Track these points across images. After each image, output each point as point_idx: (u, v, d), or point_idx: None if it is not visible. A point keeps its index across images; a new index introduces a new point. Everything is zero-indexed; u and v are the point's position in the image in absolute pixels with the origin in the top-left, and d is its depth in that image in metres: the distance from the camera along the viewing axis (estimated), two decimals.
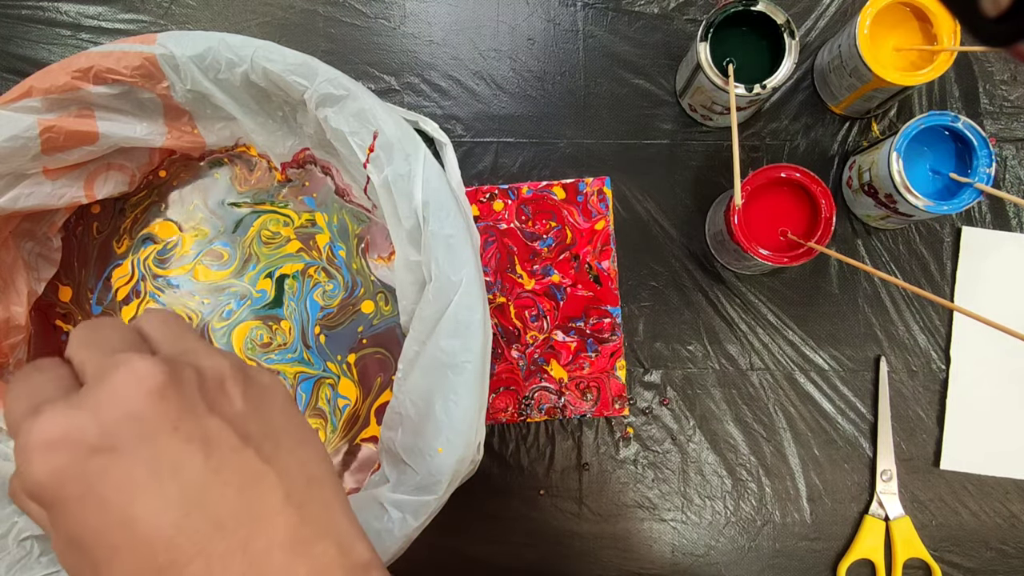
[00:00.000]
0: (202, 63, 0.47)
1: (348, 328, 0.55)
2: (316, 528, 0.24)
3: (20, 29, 0.59)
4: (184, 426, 0.23)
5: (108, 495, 0.22)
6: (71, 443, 0.22)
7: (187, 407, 0.23)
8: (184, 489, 0.22)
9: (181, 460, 0.23)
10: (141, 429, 0.22)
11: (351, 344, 0.55)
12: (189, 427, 0.23)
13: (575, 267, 0.57)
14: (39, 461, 0.22)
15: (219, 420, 0.24)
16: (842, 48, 0.52)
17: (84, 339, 0.26)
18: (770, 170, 0.51)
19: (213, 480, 0.23)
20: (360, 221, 0.56)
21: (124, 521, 0.22)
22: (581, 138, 0.58)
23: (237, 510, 0.23)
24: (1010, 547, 0.54)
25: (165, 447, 0.23)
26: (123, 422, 0.22)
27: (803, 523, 0.55)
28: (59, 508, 0.22)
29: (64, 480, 0.22)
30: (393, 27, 0.59)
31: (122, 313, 0.55)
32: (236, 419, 0.24)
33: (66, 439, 0.22)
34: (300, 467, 0.25)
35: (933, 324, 0.56)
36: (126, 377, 0.23)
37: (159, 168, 0.56)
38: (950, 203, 0.49)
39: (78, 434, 0.22)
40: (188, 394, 0.24)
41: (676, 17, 0.58)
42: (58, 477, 0.22)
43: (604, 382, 0.56)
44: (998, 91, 0.57)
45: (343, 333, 0.55)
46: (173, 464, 0.23)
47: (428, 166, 0.44)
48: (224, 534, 0.23)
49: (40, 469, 0.22)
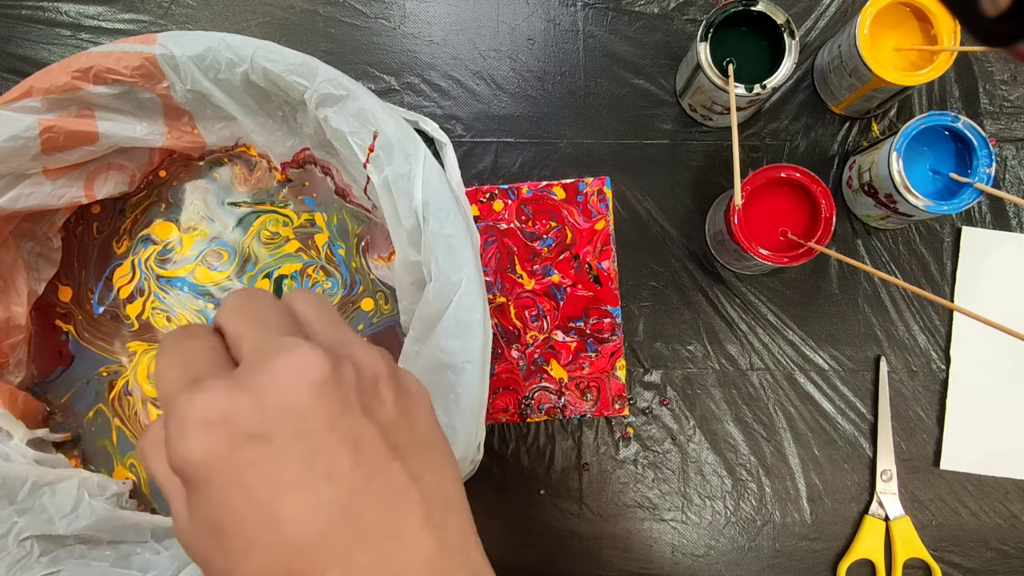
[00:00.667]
0: (202, 63, 0.47)
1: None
2: (452, 556, 0.23)
3: (20, 29, 0.59)
4: (340, 426, 0.22)
5: (256, 487, 0.21)
6: (229, 427, 0.21)
7: (345, 406, 0.22)
8: (333, 493, 0.21)
9: (334, 462, 0.22)
10: (300, 424, 0.21)
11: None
12: (344, 428, 0.22)
13: (575, 267, 0.57)
14: (195, 439, 0.21)
15: (372, 425, 0.23)
16: (842, 48, 0.52)
17: (239, 310, 0.24)
18: (770, 170, 0.51)
19: (361, 488, 0.22)
20: (360, 221, 0.56)
21: (268, 517, 0.21)
22: (581, 138, 0.58)
23: (381, 524, 0.22)
24: (1010, 547, 0.54)
25: (320, 445, 0.22)
26: (283, 413, 0.21)
27: (803, 523, 0.55)
28: (203, 490, 0.21)
29: (216, 463, 0.21)
30: (393, 27, 0.59)
31: (127, 311, 0.55)
32: (387, 426, 0.23)
33: (225, 421, 0.21)
34: (440, 487, 0.24)
35: (933, 324, 0.56)
36: (291, 366, 0.22)
37: (159, 168, 0.56)
38: (950, 203, 0.49)
39: (237, 418, 0.21)
40: (346, 392, 0.22)
41: (676, 17, 0.58)
42: (210, 459, 0.21)
43: (604, 382, 0.56)
44: (998, 91, 0.57)
45: None
46: (326, 466, 0.21)
47: (428, 166, 0.44)
48: (366, 547, 0.22)
49: (194, 447, 0.21)
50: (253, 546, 0.21)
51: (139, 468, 0.54)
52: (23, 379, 0.53)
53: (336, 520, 0.21)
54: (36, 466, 0.48)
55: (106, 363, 0.55)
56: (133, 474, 0.54)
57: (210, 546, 0.22)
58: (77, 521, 0.46)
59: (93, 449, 0.54)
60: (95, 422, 0.54)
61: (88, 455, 0.54)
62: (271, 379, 0.22)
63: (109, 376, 0.55)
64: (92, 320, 0.55)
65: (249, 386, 0.21)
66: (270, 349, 0.22)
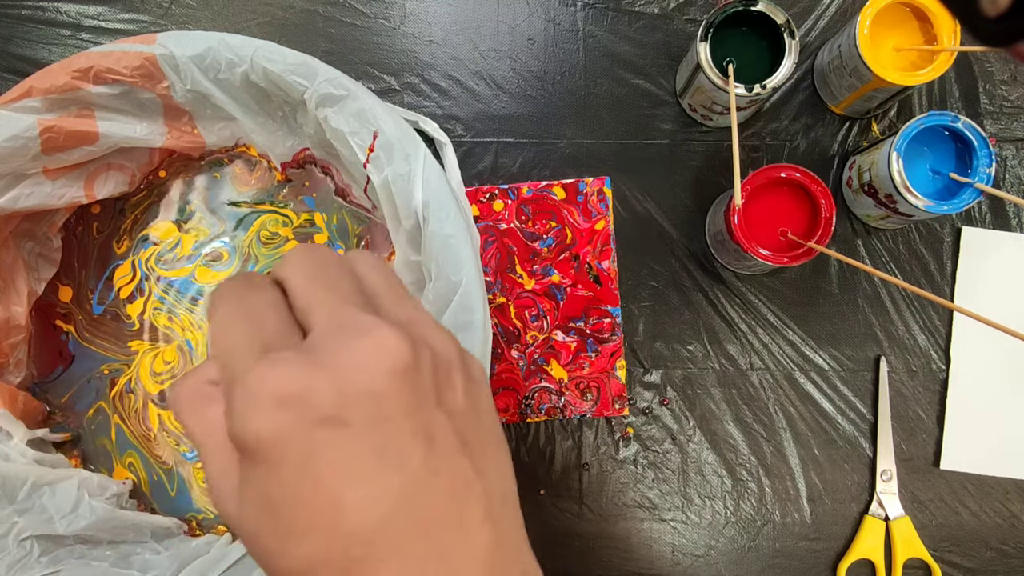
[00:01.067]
0: (202, 63, 0.47)
1: None
2: (508, 551, 0.23)
3: (20, 29, 0.59)
4: (416, 415, 0.21)
5: (324, 471, 0.20)
6: (305, 406, 0.20)
7: (422, 395, 0.22)
8: (402, 484, 0.21)
9: (405, 452, 0.21)
10: (377, 411, 0.21)
11: None
12: (420, 418, 0.21)
13: (575, 267, 0.57)
14: (267, 414, 0.20)
15: (444, 416, 0.22)
16: (842, 48, 0.52)
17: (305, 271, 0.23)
18: (770, 170, 0.50)
19: (429, 480, 0.21)
20: (360, 221, 0.56)
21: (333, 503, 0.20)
22: (581, 138, 0.58)
23: (443, 518, 0.22)
24: (1010, 547, 0.54)
25: (394, 435, 0.21)
26: (361, 399, 0.20)
27: (803, 523, 0.55)
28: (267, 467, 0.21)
29: (285, 442, 0.20)
30: (393, 27, 0.59)
31: (128, 311, 0.55)
32: (457, 416, 0.23)
33: (301, 401, 0.20)
34: (500, 481, 0.24)
35: (933, 324, 0.56)
36: (374, 349, 0.21)
37: (159, 168, 0.56)
38: (950, 203, 0.49)
39: (314, 399, 0.20)
40: (424, 380, 0.22)
41: (676, 17, 0.58)
42: (280, 437, 0.20)
43: (604, 382, 0.56)
44: (998, 91, 0.57)
45: None
46: (398, 455, 0.21)
47: (428, 166, 0.44)
48: (427, 539, 0.21)
49: (264, 423, 0.20)
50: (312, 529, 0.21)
51: (138, 468, 0.54)
52: (23, 379, 0.53)
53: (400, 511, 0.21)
54: (36, 466, 0.48)
55: (107, 361, 0.55)
56: (132, 473, 0.54)
57: (265, 523, 0.21)
58: (77, 521, 0.46)
59: (93, 449, 0.54)
60: (95, 420, 0.54)
61: (88, 455, 0.54)
62: (352, 362, 0.21)
63: (111, 374, 0.55)
64: (92, 320, 0.55)
65: (328, 366, 0.21)
66: (349, 327, 0.21)
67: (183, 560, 0.47)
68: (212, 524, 0.53)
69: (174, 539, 0.50)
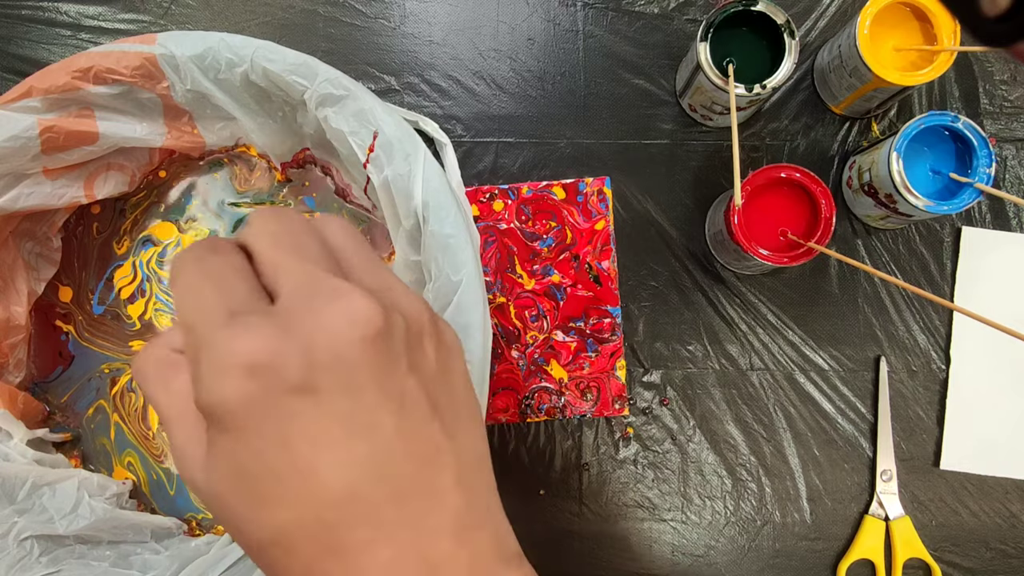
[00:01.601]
0: (202, 63, 0.47)
1: None
2: (478, 515, 0.23)
3: (20, 29, 0.59)
4: (387, 382, 0.21)
5: (294, 437, 0.20)
6: (275, 373, 0.20)
7: (393, 361, 0.21)
8: (372, 450, 0.21)
9: (376, 419, 0.21)
10: (348, 378, 0.20)
11: None
12: (391, 384, 0.21)
13: (575, 267, 0.57)
14: (234, 382, 0.20)
15: (416, 382, 0.22)
16: (842, 48, 0.52)
17: (273, 235, 0.23)
18: (770, 170, 0.51)
19: (400, 447, 0.21)
20: (360, 221, 0.56)
21: (303, 470, 0.20)
22: (581, 138, 0.58)
23: (415, 483, 0.22)
24: (1010, 547, 0.54)
25: (365, 402, 0.21)
26: (331, 365, 0.20)
27: (803, 523, 0.55)
28: (235, 433, 0.20)
29: (254, 410, 0.20)
30: (393, 27, 0.59)
31: (128, 311, 0.55)
32: (429, 382, 0.23)
33: (269, 368, 0.20)
34: (472, 447, 0.24)
35: (933, 324, 0.56)
36: (344, 315, 0.20)
37: (159, 168, 0.56)
38: (950, 203, 0.49)
39: (283, 366, 0.20)
40: (395, 345, 0.21)
41: (676, 17, 0.58)
42: (248, 405, 0.20)
43: (604, 382, 0.56)
44: (998, 91, 0.57)
45: None
46: (368, 422, 0.21)
47: (428, 166, 0.44)
48: (398, 505, 0.21)
49: (232, 390, 0.20)
50: (283, 497, 0.21)
51: (137, 467, 0.54)
52: (23, 379, 0.53)
53: (372, 477, 0.21)
54: (36, 466, 0.48)
55: (108, 360, 0.55)
56: (132, 473, 0.54)
57: (235, 491, 0.21)
58: (77, 521, 0.46)
59: (93, 449, 0.54)
60: (95, 419, 0.54)
61: (88, 455, 0.54)
62: (321, 328, 0.20)
63: (111, 373, 0.55)
64: (92, 320, 0.55)
65: (298, 332, 0.20)
66: (318, 292, 0.21)
67: (183, 560, 0.47)
68: (212, 524, 0.53)
69: (174, 539, 0.50)
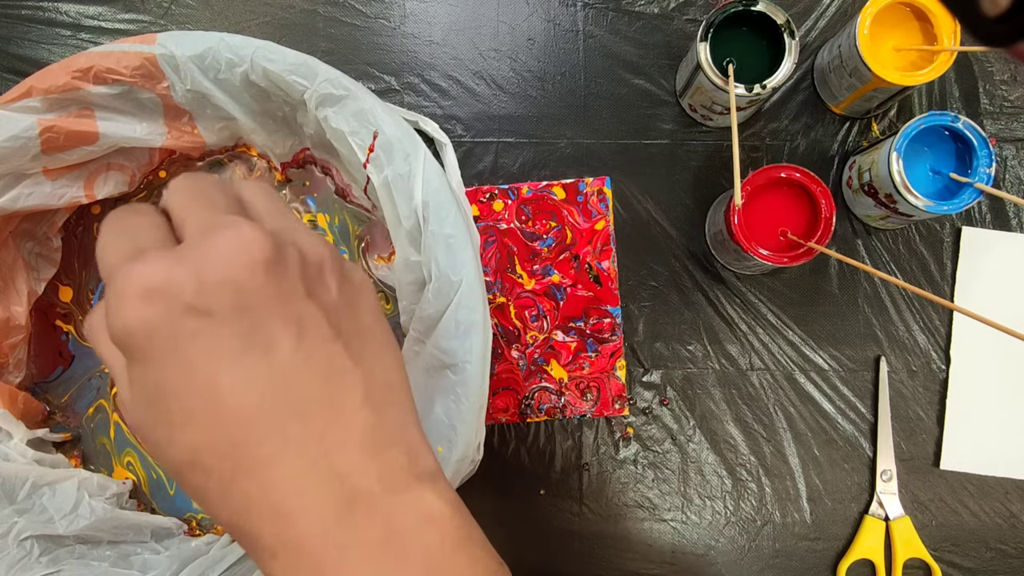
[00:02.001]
0: (202, 63, 0.47)
1: None
2: (390, 433, 0.24)
3: (20, 29, 0.59)
4: (282, 305, 0.22)
5: (196, 359, 0.21)
6: (169, 296, 0.21)
7: (287, 286, 0.23)
8: (272, 368, 0.22)
9: (274, 338, 0.22)
10: (240, 299, 0.22)
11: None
12: (286, 307, 0.22)
13: (575, 267, 0.57)
14: (133, 307, 0.21)
15: (315, 307, 0.23)
16: (842, 48, 0.52)
17: (185, 190, 0.24)
18: (770, 170, 0.51)
19: (301, 365, 0.22)
20: (360, 221, 0.56)
21: (207, 388, 0.21)
22: (581, 138, 0.58)
23: (319, 400, 0.23)
24: (1010, 547, 0.54)
25: (260, 322, 0.22)
26: (223, 287, 0.21)
27: (803, 523, 0.55)
28: (142, 360, 0.22)
29: (155, 333, 0.21)
30: (393, 27, 0.59)
31: None
32: (330, 310, 0.24)
33: (164, 291, 0.21)
34: (382, 370, 0.25)
35: (933, 324, 0.56)
36: (233, 241, 0.22)
37: (159, 168, 0.56)
38: (950, 203, 0.49)
39: (177, 288, 0.21)
40: (290, 273, 0.23)
41: (676, 17, 0.58)
42: (149, 328, 0.21)
43: (604, 382, 0.56)
44: (998, 91, 0.57)
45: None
46: (266, 341, 0.22)
47: (428, 166, 0.44)
48: (303, 420, 0.22)
49: (133, 315, 0.21)
50: (192, 416, 0.22)
51: (136, 467, 0.54)
52: (23, 379, 0.53)
53: (275, 393, 0.22)
54: (36, 466, 0.48)
55: None
56: (132, 473, 0.54)
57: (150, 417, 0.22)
58: (77, 521, 0.46)
59: (93, 449, 0.54)
60: (95, 419, 0.54)
61: (88, 455, 0.54)
62: (213, 254, 0.22)
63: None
64: None
65: (190, 259, 0.22)
66: (213, 226, 0.22)
67: (183, 560, 0.47)
68: (212, 524, 0.53)
69: (174, 539, 0.50)
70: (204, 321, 0.21)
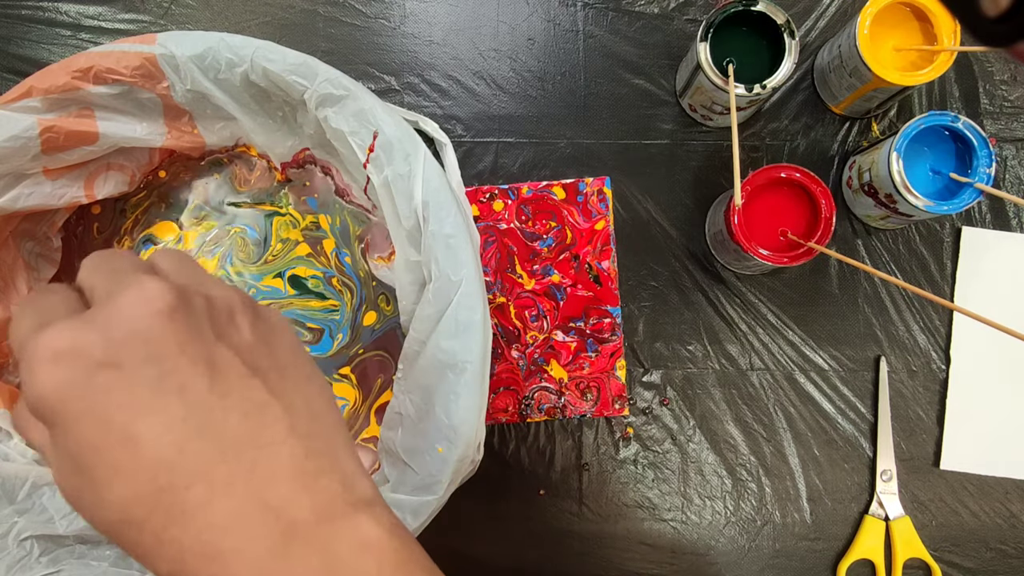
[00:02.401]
0: (202, 63, 0.47)
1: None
2: (320, 462, 0.24)
3: (20, 29, 0.59)
4: (191, 349, 0.23)
5: (111, 412, 0.21)
6: (76, 356, 0.21)
7: (195, 331, 0.23)
8: (188, 410, 0.22)
9: (187, 381, 0.22)
10: (148, 349, 0.22)
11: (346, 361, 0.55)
12: (196, 350, 0.23)
13: (575, 267, 0.57)
14: (44, 373, 0.21)
15: (226, 348, 0.23)
16: (842, 48, 0.52)
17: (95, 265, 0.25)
18: (770, 170, 0.51)
19: (218, 404, 0.23)
20: (360, 221, 0.56)
21: (126, 439, 0.21)
22: (581, 138, 0.58)
23: (242, 437, 0.23)
24: (1010, 547, 0.54)
25: (171, 368, 0.22)
26: (130, 340, 0.22)
27: (803, 523, 0.55)
28: (61, 425, 0.22)
29: (68, 395, 0.21)
30: (393, 27, 0.59)
31: None
32: (244, 349, 0.24)
33: (72, 352, 0.21)
34: (305, 402, 0.25)
35: (933, 324, 0.56)
36: (136, 296, 0.22)
37: (159, 168, 0.56)
38: (950, 203, 0.49)
39: (84, 348, 0.21)
40: (197, 319, 0.23)
41: (676, 17, 0.58)
42: (62, 391, 0.21)
43: (604, 382, 0.56)
44: (998, 91, 0.57)
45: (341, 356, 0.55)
46: (178, 385, 0.22)
47: (428, 166, 0.44)
48: (227, 459, 0.22)
49: (44, 381, 0.21)
50: (117, 472, 0.22)
51: None
52: None
53: (194, 436, 0.22)
54: (36, 466, 0.48)
55: None
56: None
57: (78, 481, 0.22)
58: (77, 521, 0.46)
59: None
60: None
61: None
62: (117, 310, 0.22)
63: None
64: None
65: (95, 319, 0.22)
66: (118, 285, 0.23)
67: None
68: None
69: None
70: (115, 374, 0.21)
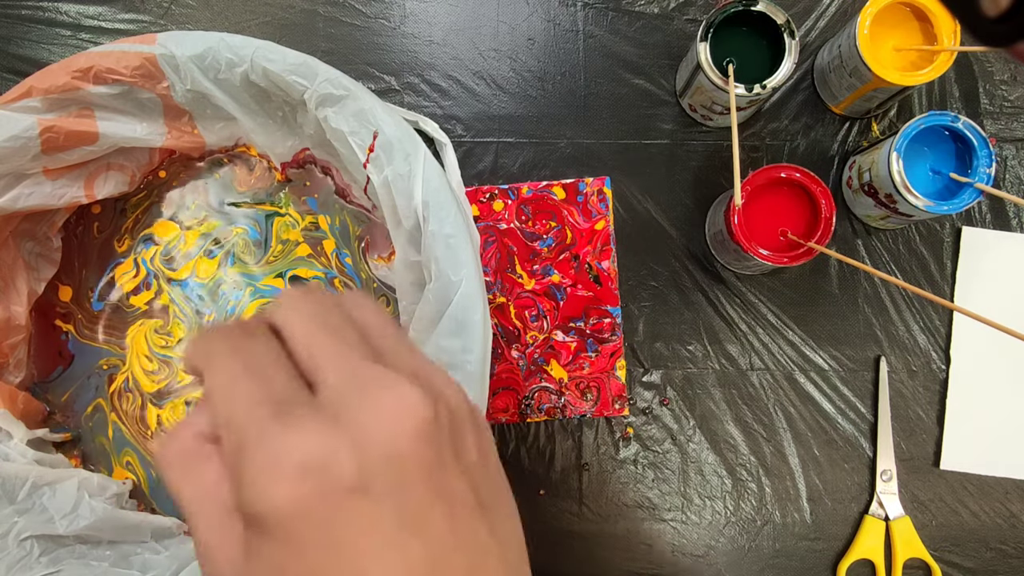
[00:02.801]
0: (202, 63, 0.47)
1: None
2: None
3: (20, 29, 0.59)
4: (436, 477, 0.20)
5: (345, 540, 0.19)
6: (326, 475, 0.18)
7: (440, 455, 0.20)
8: (427, 551, 0.19)
9: (428, 517, 0.20)
10: (400, 475, 0.19)
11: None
12: (439, 479, 0.20)
13: (575, 267, 0.57)
14: (286, 485, 0.18)
15: (462, 475, 0.21)
16: (842, 48, 0.52)
17: (310, 319, 0.22)
18: (770, 170, 0.50)
19: (452, 545, 0.20)
20: (360, 221, 0.56)
21: (354, 573, 0.19)
22: (581, 138, 0.58)
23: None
24: (1010, 547, 0.54)
25: (417, 499, 0.20)
26: (384, 463, 0.19)
27: (803, 523, 0.55)
28: (283, 542, 0.19)
29: (306, 515, 0.18)
30: (393, 27, 0.59)
31: (131, 302, 0.55)
32: (472, 473, 0.22)
33: (324, 470, 0.18)
34: (515, 538, 0.23)
35: (933, 324, 0.56)
36: (396, 408, 0.20)
37: (159, 168, 0.56)
38: (950, 203, 0.49)
39: (338, 468, 0.18)
40: (442, 437, 0.21)
41: (676, 17, 0.58)
42: (300, 509, 0.18)
43: (604, 382, 0.56)
44: (998, 91, 0.57)
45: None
46: (420, 522, 0.19)
47: (428, 166, 0.44)
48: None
49: (284, 494, 0.18)
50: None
51: (136, 466, 0.54)
52: (23, 379, 0.53)
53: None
54: (36, 466, 0.48)
55: (105, 355, 0.55)
56: (132, 473, 0.54)
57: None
58: (77, 521, 0.46)
59: (93, 448, 0.54)
60: (93, 418, 0.54)
61: (88, 455, 0.54)
62: (375, 422, 0.19)
63: (109, 370, 0.55)
64: (92, 317, 0.55)
65: (351, 428, 0.19)
66: (367, 383, 0.20)
67: (183, 560, 0.47)
68: None
69: (174, 539, 0.50)
70: (362, 502, 0.19)
